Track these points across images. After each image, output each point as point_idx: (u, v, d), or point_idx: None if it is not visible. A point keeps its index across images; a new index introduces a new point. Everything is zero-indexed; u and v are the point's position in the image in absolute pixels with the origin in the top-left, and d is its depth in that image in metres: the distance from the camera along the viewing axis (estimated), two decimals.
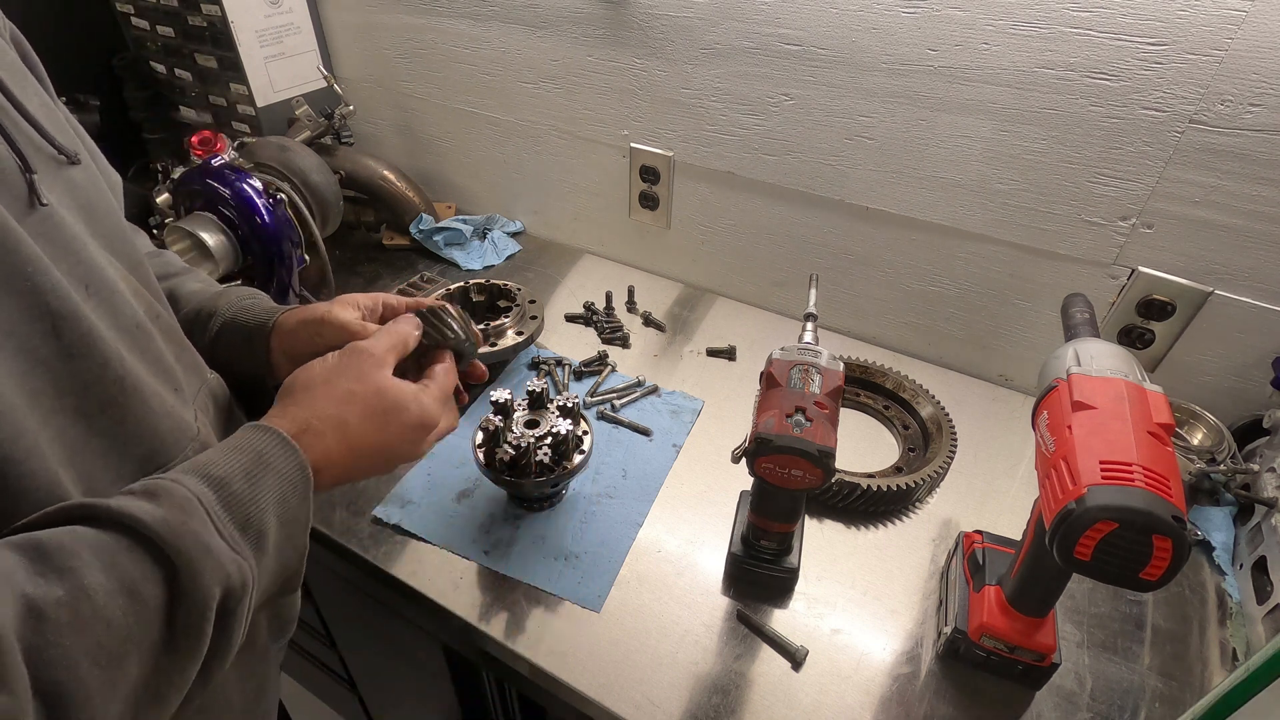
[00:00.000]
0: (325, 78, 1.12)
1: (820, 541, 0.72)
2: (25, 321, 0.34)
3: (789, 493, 0.59)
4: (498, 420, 0.68)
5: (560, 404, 0.69)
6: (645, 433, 0.83)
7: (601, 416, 0.85)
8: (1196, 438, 0.80)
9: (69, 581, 0.31)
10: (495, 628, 0.63)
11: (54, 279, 0.35)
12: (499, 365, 0.92)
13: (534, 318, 0.96)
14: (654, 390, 0.89)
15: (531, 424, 0.68)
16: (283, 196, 0.92)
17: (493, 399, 0.67)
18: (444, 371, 0.54)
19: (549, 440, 0.67)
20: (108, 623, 0.31)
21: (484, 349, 0.87)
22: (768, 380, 0.61)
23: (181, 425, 0.44)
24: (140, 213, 1.08)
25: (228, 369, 0.56)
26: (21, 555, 0.31)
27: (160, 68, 1.19)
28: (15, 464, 0.33)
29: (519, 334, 0.90)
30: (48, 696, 0.29)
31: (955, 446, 0.78)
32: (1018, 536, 0.59)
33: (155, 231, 1.07)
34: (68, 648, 0.30)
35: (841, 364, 0.62)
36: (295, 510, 0.41)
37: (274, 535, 0.40)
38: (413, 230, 1.15)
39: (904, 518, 0.75)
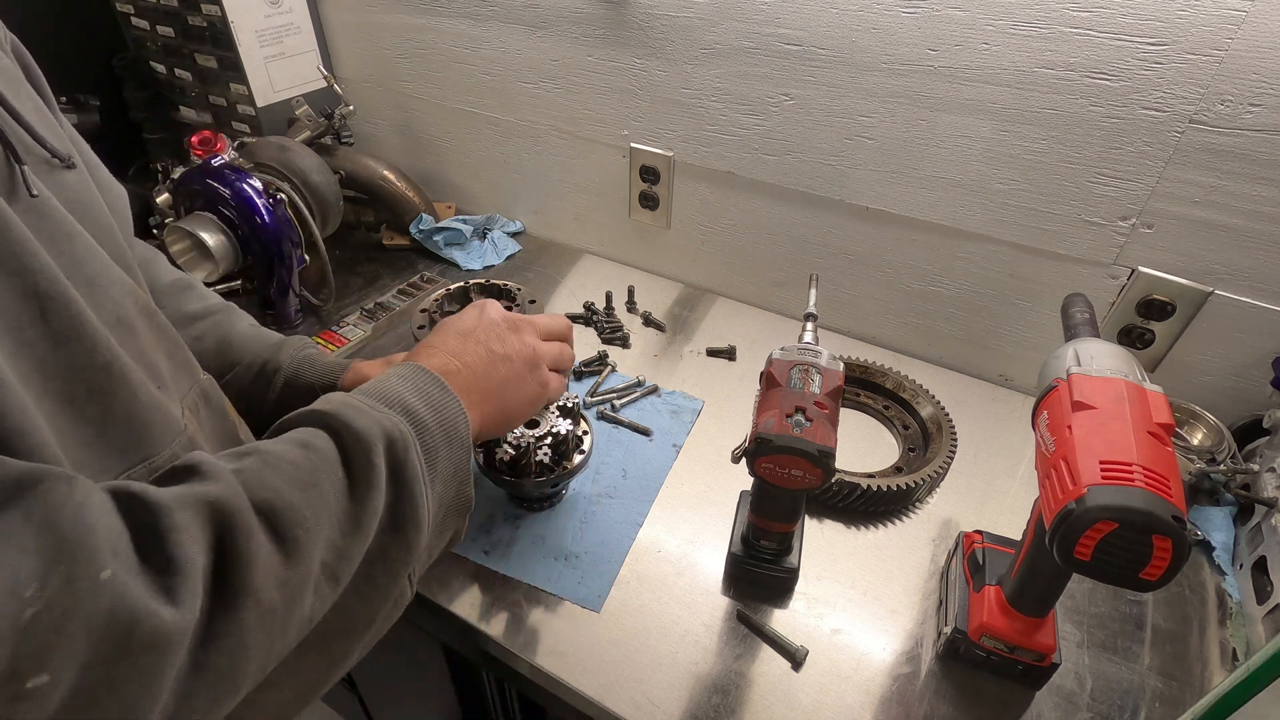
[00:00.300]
0: (325, 78, 1.12)
1: (820, 541, 0.72)
2: (14, 301, 0.34)
3: (789, 493, 0.59)
4: None
5: (560, 404, 0.69)
6: (645, 433, 0.83)
7: (601, 416, 0.85)
8: (1196, 438, 0.80)
9: (254, 453, 0.38)
10: (495, 628, 0.63)
11: (43, 261, 0.35)
12: None
13: None
14: (654, 390, 0.89)
15: (531, 424, 0.68)
16: (283, 196, 0.92)
17: None
18: (564, 343, 0.60)
19: (549, 440, 0.67)
20: (294, 463, 0.38)
21: None
22: (768, 380, 0.61)
23: (169, 420, 0.44)
24: (140, 213, 1.08)
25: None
26: (211, 458, 0.37)
27: (160, 68, 1.19)
28: (16, 439, 0.33)
29: None
30: (263, 512, 0.35)
31: (955, 446, 0.78)
32: (1018, 536, 0.59)
33: (155, 231, 1.07)
34: (267, 478, 0.36)
35: (841, 364, 0.62)
36: (434, 394, 0.47)
37: (421, 411, 0.45)
38: (413, 230, 1.15)
39: (904, 518, 0.75)
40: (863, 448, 0.82)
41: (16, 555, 0.26)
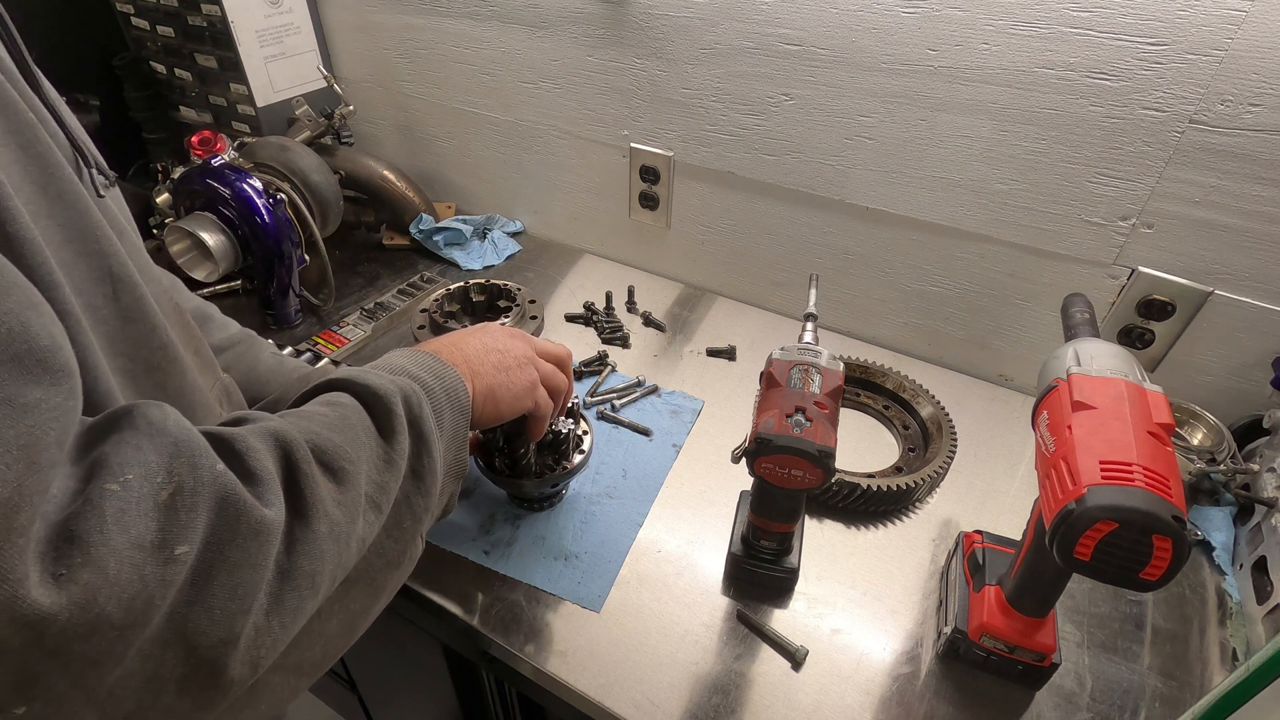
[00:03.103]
0: (325, 78, 1.12)
1: (820, 541, 0.72)
2: (91, 283, 0.38)
3: (789, 493, 0.59)
4: None
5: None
6: (645, 433, 0.83)
7: (601, 416, 0.85)
8: (1196, 438, 0.80)
9: (288, 414, 0.41)
10: (495, 628, 0.63)
11: (115, 246, 0.39)
12: None
13: (534, 318, 0.96)
14: (654, 390, 0.89)
15: None
16: (283, 196, 0.92)
17: None
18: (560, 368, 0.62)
19: (549, 440, 0.67)
20: (325, 415, 0.41)
21: None
22: (768, 380, 0.61)
23: (208, 404, 0.48)
24: (140, 213, 1.08)
25: None
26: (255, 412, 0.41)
27: (160, 68, 1.19)
28: (102, 400, 0.37)
29: None
30: (312, 448, 0.38)
31: (955, 446, 0.78)
32: (1018, 536, 0.59)
33: (155, 231, 1.07)
34: (306, 424, 0.39)
35: (841, 364, 0.62)
36: (434, 366, 0.50)
37: (425, 377, 0.48)
38: (413, 230, 1.15)
39: (904, 518, 0.75)
40: (863, 448, 0.82)
41: (141, 454, 0.30)
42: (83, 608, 0.26)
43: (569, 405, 0.70)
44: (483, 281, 1.00)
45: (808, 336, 0.65)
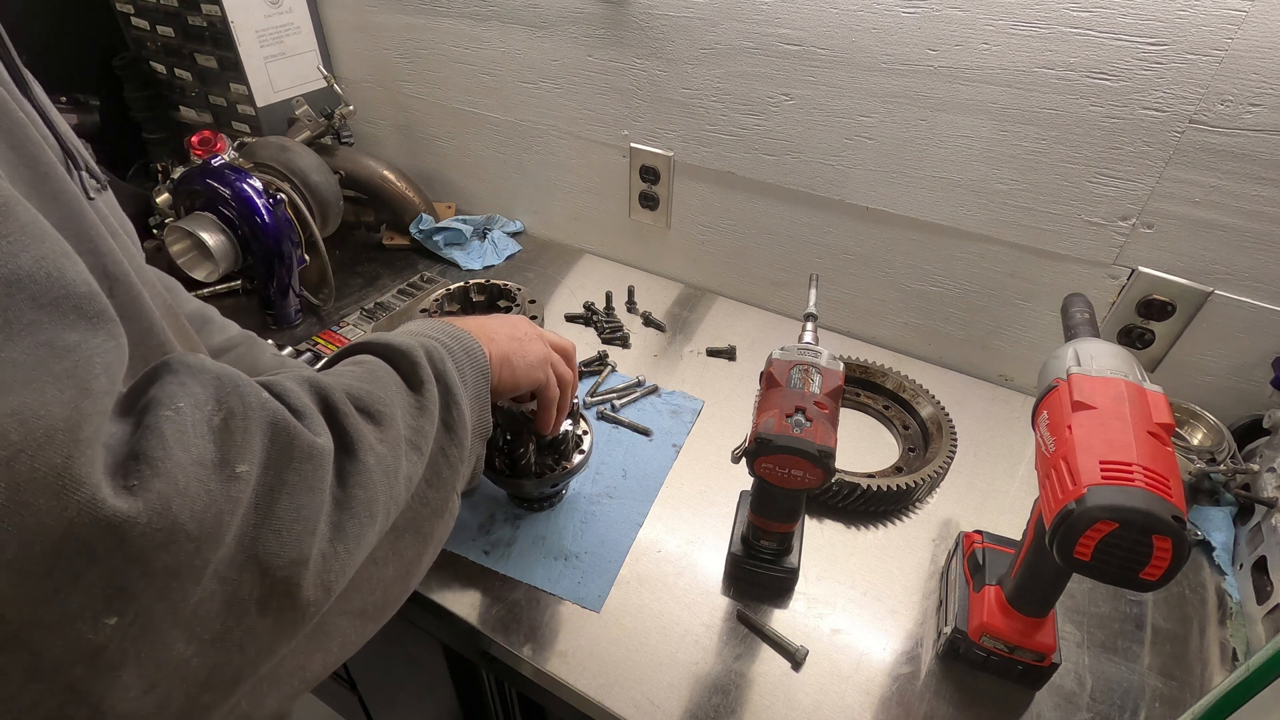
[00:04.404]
0: (325, 78, 1.12)
1: (820, 541, 0.72)
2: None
3: (789, 493, 0.59)
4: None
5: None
6: (645, 433, 0.83)
7: (601, 416, 0.85)
8: (1196, 438, 0.80)
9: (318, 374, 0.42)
10: (495, 628, 0.63)
11: (110, 245, 0.39)
12: None
13: (534, 318, 0.96)
14: (654, 390, 0.89)
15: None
16: (283, 196, 0.92)
17: None
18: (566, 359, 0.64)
19: (549, 440, 0.67)
20: (353, 370, 0.43)
21: None
22: (768, 380, 0.61)
23: None
24: (140, 213, 1.08)
25: None
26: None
27: (160, 68, 1.19)
28: None
29: None
30: (348, 395, 0.39)
31: (955, 446, 0.78)
32: (1018, 536, 0.59)
33: (155, 231, 1.07)
34: (336, 379, 0.41)
35: (841, 364, 0.62)
36: (450, 329, 0.51)
37: (444, 339, 0.49)
38: (413, 230, 1.15)
39: (904, 518, 0.75)
40: (863, 448, 0.82)
41: (187, 388, 0.31)
42: (159, 513, 0.27)
43: (570, 405, 0.70)
44: (483, 281, 1.00)
45: (808, 336, 0.65)
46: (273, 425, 0.33)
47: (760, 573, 0.66)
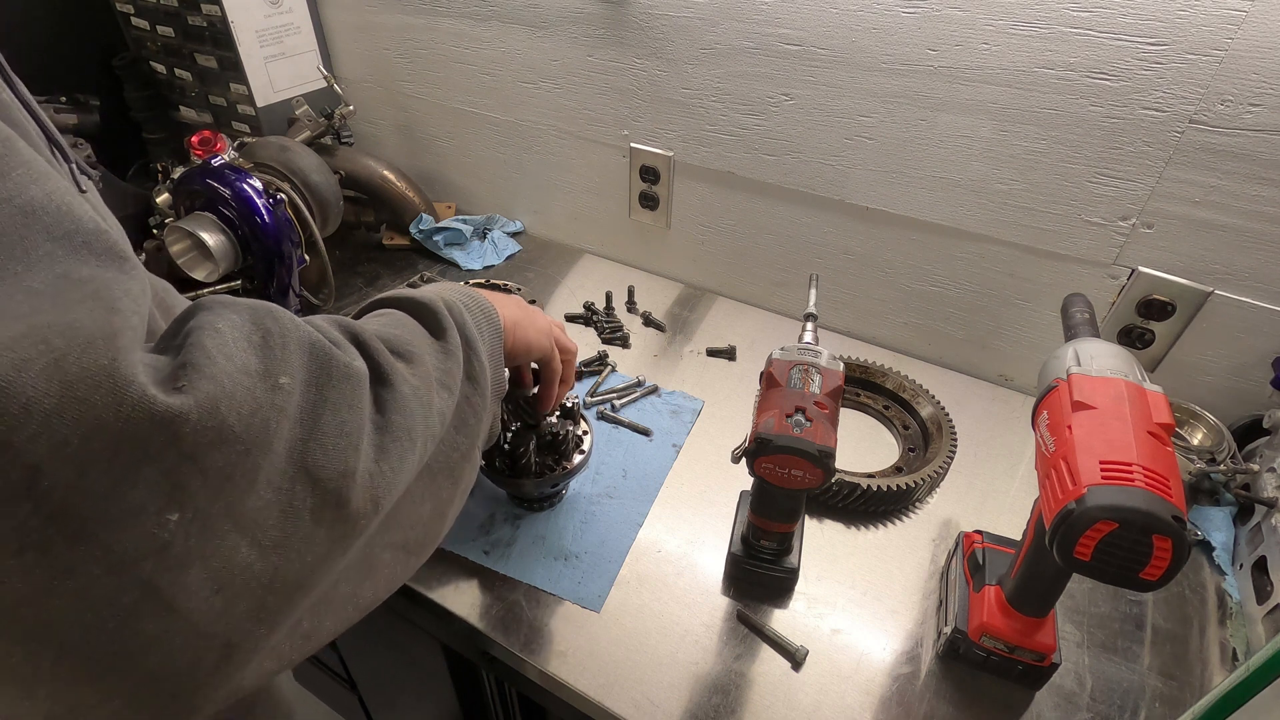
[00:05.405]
0: (325, 78, 1.12)
1: (820, 541, 0.72)
2: None
3: (789, 493, 0.59)
4: None
5: (560, 404, 0.69)
6: (645, 433, 0.83)
7: (601, 416, 0.85)
8: (1196, 438, 0.80)
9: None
10: (495, 628, 0.63)
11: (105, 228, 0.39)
12: None
13: None
14: (654, 390, 0.89)
15: (531, 425, 0.68)
16: (283, 196, 0.92)
17: None
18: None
19: (549, 440, 0.67)
20: (380, 321, 0.44)
21: None
22: (768, 380, 0.61)
23: None
24: (140, 213, 1.08)
25: None
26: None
27: (160, 68, 1.19)
28: None
29: None
30: (380, 338, 0.41)
31: (955, 446, 0.78)
32: (1018, 536, 0.59)
33: (155, 231, 1.07)
34: (371, 327, 0.42)
35: (841, 364, 0.62)
36: (463, 289, 0.53)
37: (459, 297, 0.50)
38: (413, 230, 1.15)
39: (904, 518, 0.75)
40: (863, 448, 0.82)
41: (224, 318, 0.33)
42: (209, 412, 0.28)
43: (570, 406, 0.70)
44: (482, 281, 1.00)
45: (808, 336, 0.65)
46: (310, 346, 0.35)
47: (760, 573, 0.66)
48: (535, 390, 0.64)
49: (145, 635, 0.28)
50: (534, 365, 0.63)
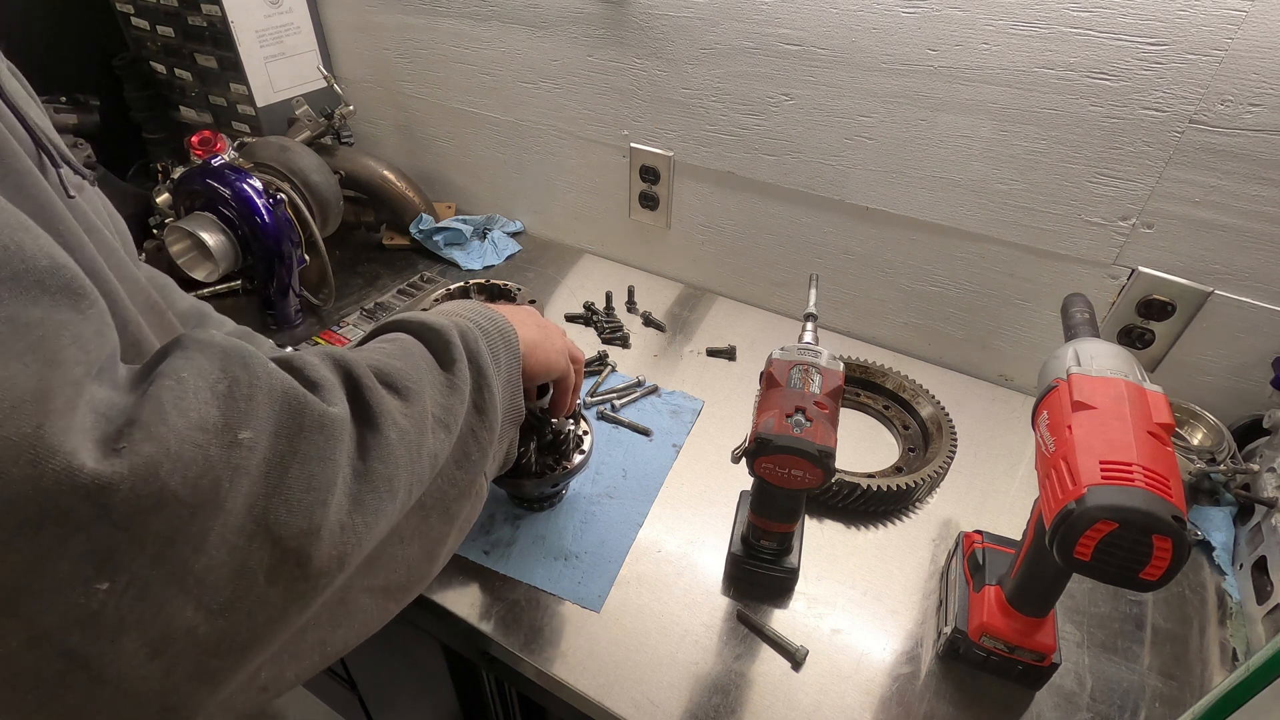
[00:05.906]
0: (325, 78, 1.12)
1: (820, 541, 0.72)
2: None
3: (789, 493, 0.59)
4: None
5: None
6: (645, 433, 0.83)
7: (601, 416, 0.85)
8: (1196, 438, 0.80)
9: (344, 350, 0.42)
10: (495, 628, 0.63)
11: (83, 241, 0.38)
12: None
13: None
14: (654, 390, 0.89)
15: (531, 426, 0.68)
16: (283, 196, 0.92)
17: None
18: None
19: (549, 440, 0.67)
20: (383, 348, 0.43)
21: None
22: (768, 380, 0.61)
23: None
24: (140, 213, 1.08)
25: None
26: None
27: (160, 68, 1.19)
28: None
29: None
30: (374, 371, 0.40)
31: (955, 446, 0.78)
32: (1018, 536, 0.59)
33: (155, 231, 1.07)
34: (364, 355, 0.41)
35: (841, 364, 0.62)
36: (483, 311, 0.52)
37: (478, 320, 0.50)
38: (413, 230, 1.15)
39: (904, 518, 0.75)
40: (863, 448, 0.82)
41: (192, 361, 0.32)
42: (145, 479, 0.27)
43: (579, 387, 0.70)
44: (483, 281, 1.00)
45: (808, 336, 0.65)
46: (282, 395, 0.33)
47: (760, 573, 0.66)
48: (546, 400, 0.64)
49: (69, 706, 0.27)
50: None
